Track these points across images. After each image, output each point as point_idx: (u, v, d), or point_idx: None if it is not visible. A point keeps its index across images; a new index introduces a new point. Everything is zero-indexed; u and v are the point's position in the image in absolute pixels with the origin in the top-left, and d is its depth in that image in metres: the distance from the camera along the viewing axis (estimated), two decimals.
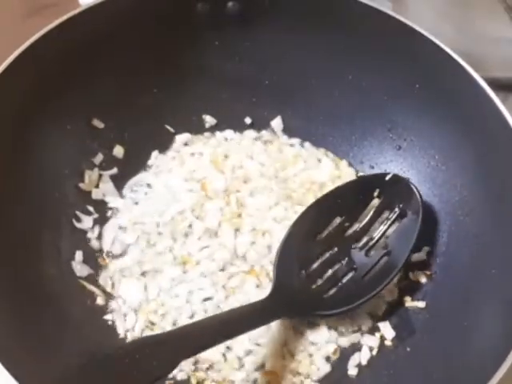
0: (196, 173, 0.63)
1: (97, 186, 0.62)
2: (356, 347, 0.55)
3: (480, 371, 0.42)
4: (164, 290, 0.56)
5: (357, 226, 0.58)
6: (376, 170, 0.65)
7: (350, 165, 0.66)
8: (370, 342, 0.55)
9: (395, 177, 0.59)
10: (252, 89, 0.66)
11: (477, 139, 0.54)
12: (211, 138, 0.67)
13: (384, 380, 0.52)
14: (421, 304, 0.56)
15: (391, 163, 0.64)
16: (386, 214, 0.57)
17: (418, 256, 0.58)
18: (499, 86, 0.62)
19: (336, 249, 0.57)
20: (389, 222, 0.57)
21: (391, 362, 0.54)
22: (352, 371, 0.54)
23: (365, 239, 0.57)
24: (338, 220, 0.58)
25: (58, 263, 0.56)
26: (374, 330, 0.56)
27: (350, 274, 0.55)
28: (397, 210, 0.57)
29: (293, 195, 0.62)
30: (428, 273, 0.57)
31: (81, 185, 0.60)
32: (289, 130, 0.68)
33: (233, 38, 0.63)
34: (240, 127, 0.68)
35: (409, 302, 0.57)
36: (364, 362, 0.54)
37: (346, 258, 0.56)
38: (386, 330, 0.56)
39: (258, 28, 0.62)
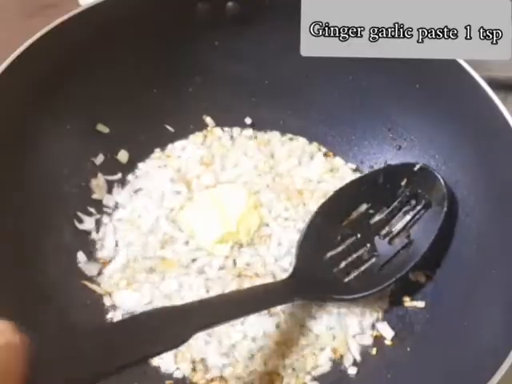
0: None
1: (109, 192, 0.62)
2: (354, 346, 0.55)
3: (480, 371, 0.42)
4: (162, 293, 0.57)
5: (382, 214, 0.58)
6: None
7: (346, 162, 0.66)
8: (365, 341, 0.56)
9: (423, 167, 0.58)
10: (252, 89, 0.66)
11: (477, 139, 0.54)
12: (211, 137, 0.68)
13: (384, 380, 0.52)
14: (420, 304, 0.56)
15: (391, 163, 0.64)
16: (411, 204, 0.57)
17: None
18: (499, 85, 0.62)
19: (359, 235, 0.57)
20: (414, 212, 0.57)
21: (391, 361, 0.54)
22: (352, 370, 0.54)
23: (389, 228, 0.57)
24: (364, 206, 0.58)
25: (60, 264, 0.56)
26: (372, 329, 0.56)
27: (371, 261, 0.56)
28: (423, 200, 0.57)
29: (289, 192, 0.63)
30: (428, 273, 0.57)
31: (94, 196, 0.61)
32: (289, 130, 0.68)
33: (233, 38, 0.63)
34: (240, 127, 0.68)
35: (408, 302, 0.57)
36: (358, 359, 0.55)
37: (369, 245, 0.57)
38: (385, 329, 0.56)
39: (258, 28, 0.62)
